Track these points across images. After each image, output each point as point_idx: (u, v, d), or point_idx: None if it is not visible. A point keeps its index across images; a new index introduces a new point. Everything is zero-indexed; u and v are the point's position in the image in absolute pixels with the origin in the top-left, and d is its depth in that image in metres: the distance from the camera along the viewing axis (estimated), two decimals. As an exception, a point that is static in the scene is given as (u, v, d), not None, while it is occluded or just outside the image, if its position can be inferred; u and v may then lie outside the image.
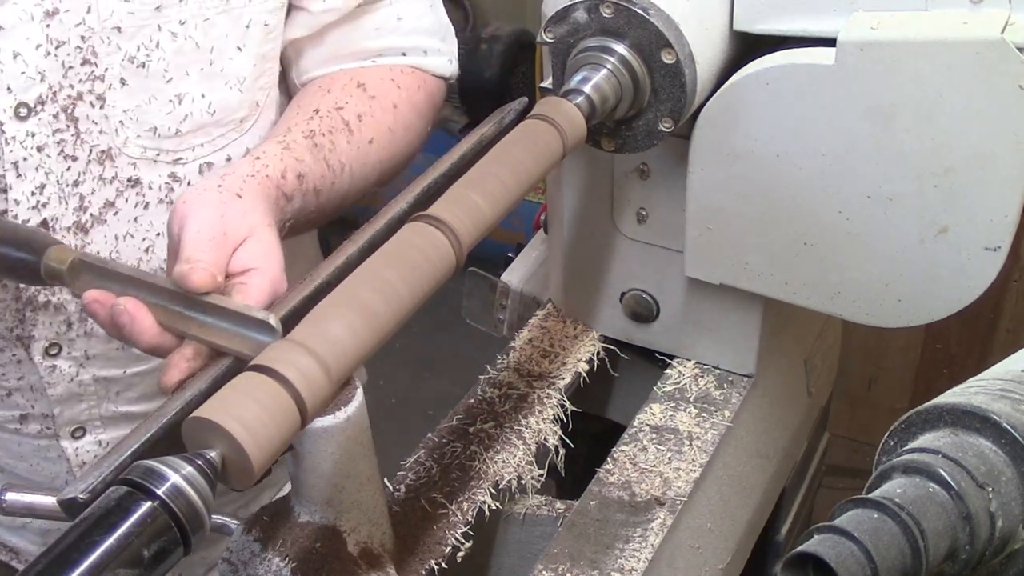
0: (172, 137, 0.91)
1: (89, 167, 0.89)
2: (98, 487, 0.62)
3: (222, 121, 0.93)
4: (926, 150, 0.81)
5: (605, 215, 1.02)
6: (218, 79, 0.92)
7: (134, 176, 0.91)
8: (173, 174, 0.93)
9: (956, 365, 2.27)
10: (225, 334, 0.71)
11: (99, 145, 0.88)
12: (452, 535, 0.86)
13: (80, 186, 0.89)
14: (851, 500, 0.61)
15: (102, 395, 0.99)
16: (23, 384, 0.97)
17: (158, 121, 0.90)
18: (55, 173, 0.87)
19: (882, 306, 0.89)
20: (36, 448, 1.02)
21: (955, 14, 0.79)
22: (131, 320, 0.72)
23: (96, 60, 0.86)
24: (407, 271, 0.68)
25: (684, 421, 0.99)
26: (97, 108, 0.87)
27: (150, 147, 0.90)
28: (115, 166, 0.90)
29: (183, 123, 0.91)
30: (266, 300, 0.74)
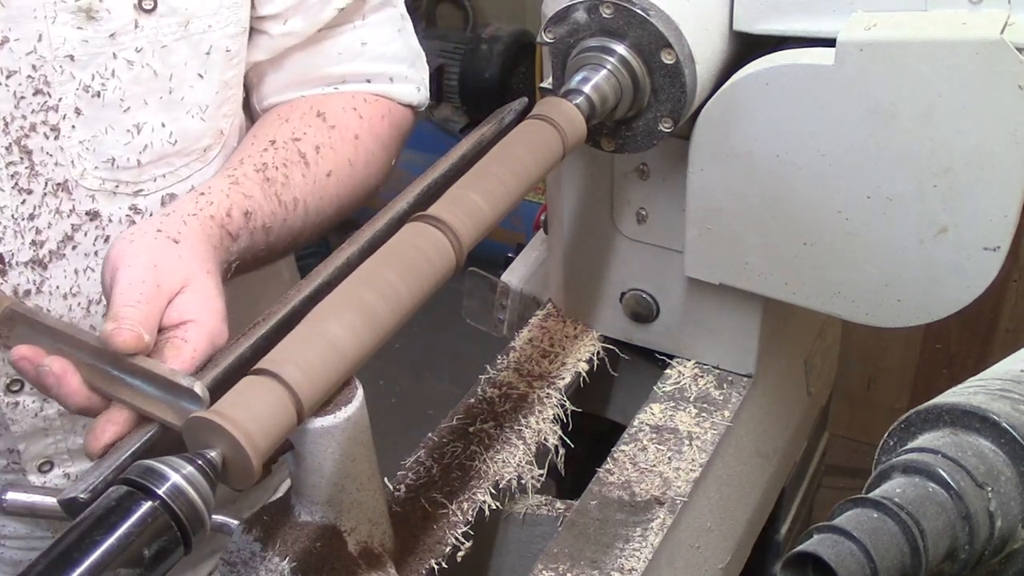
0: (132, 168, 0.88)
1: (45, 200, 0.85)
2: (99, 487, 0.62)
3: (185, 151, 0.90)
4: (925, 150, 0.81)
5: (605, 215, 1.02)
6: (179, 107, 0.88)
7: (92, 209, 0.88)
8: (134, 206, 0.89)
9: (956, 365, 2.27)
10: (151, 400, 0.67)
11: (54, 178, 0.85)
12: (452, 535, 0.86)
13: (36, 219, 0.86)
14: (851, 500, 0.61)
15: (68, 429, 0.96)
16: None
17: (116, 152, 0.87)
18: (10, 207, 0.84)
19: (882, 306, 0.89)
20: (2, 483, 0.97)
21: (954, 14, 0.79)
22: (57, 382, 0.69)
23: (49, 90, 0.83)
24: (407, 271, 0.68)
25: (684, 421, 0.99)
26: (52, 139, 0.84)
27: (108, 179, 0.87)
28: (72, 199, 0.87)
29: (143, 153, 0.88)
30: (203, 355, 0.71)
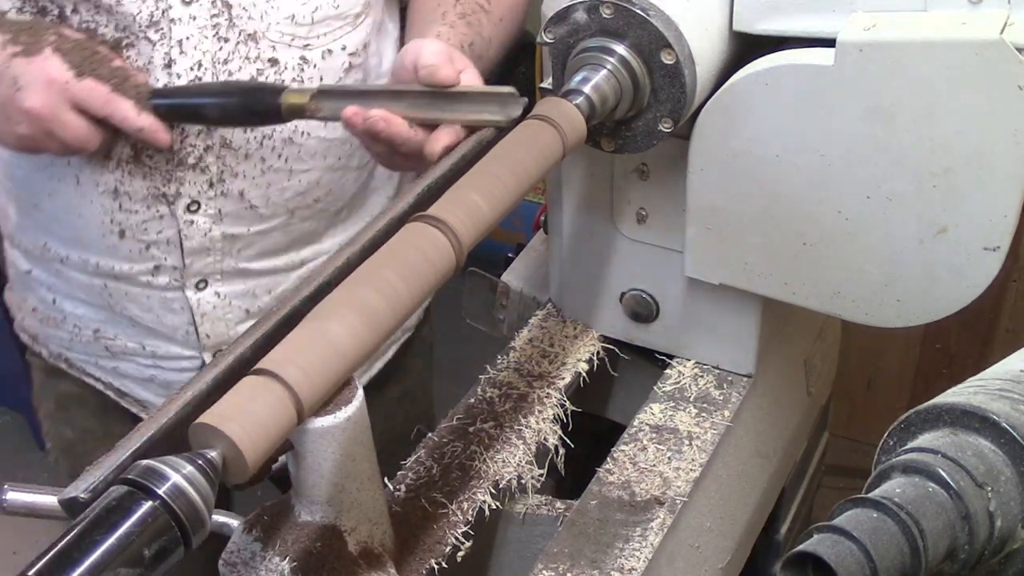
0: (305, 25, 1.05)
1: (237, 47, 1.03)
2: (99, 486, 0.62)
3: (342, 15, 1.08)
4: (925, 150, 0.81)
5: (605, 215, 1.02)
6: None
7: (273, 56, 1.05)
8: (303, 57, 1.06)
9: (955, 365, 2.27)
10: (476, 111, 0.88)
11: (247, 29, 1.03)
12: (452, 534, 0.87)
13: (229, 64, 1.02)
14: (850, 500, 0.61)
15: (226, 251, 1.11)
16: (161, 238, 1.09)
17: (295, 10, 1.04)
18: (210, 52, 1.01)
19: (881, 306, 0.89)
20: (163, 300, 1.13)
21: (954, 14, 0.79)
22: (387, 124, 0.89)
23: None
24: (407, 271, 0.68)
25: (684, 421, 0.99)
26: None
27: (287, 32, 1.05)
28: (258, 47, 1.04)
29: (315, 13, 1.06)
30: None
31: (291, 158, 1.09)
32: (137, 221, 1.08)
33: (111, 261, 1.11)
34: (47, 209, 1.11)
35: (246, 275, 1.14)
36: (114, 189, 1.06)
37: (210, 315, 1.14)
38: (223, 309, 1.14)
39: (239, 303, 1.15)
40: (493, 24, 1.09)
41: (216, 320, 1.14)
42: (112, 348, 1.19)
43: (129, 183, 1.05)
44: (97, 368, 1.22)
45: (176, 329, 1.15)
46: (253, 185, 1.08)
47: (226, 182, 1.07)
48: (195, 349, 1.17)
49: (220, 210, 1.08)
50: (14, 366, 2.39)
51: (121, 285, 1.13)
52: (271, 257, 1.15)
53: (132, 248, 1.10)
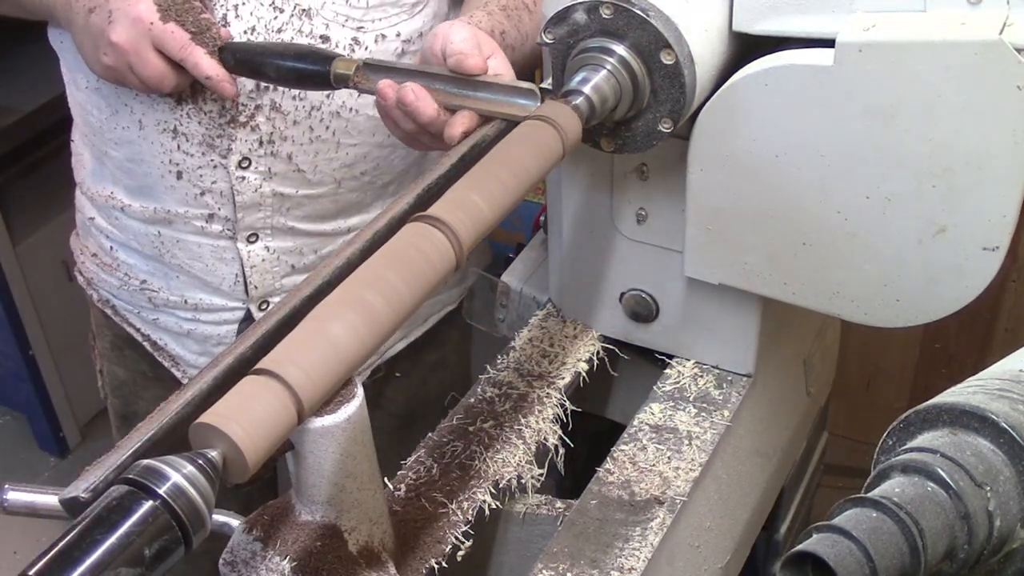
0: (360, 8, 1.10)
1: (291, 20, 1.08)
2: (100, 486, 0.62)
3: (399, 3, 1.12)
4: (924, 150, 0.81)
5: (605, 215, 1.02)
6: None
7: (324, 34, 1.10)
8: (355, 38, 1.11)
9: (955, 365, 2.27)
10: (496, 103, 0.90)
11: (301, 3, 1.08)
12: (452, 534, 0.87)
13: (282, 34, 1.08)
14: (850, 499, 0.61)
15: (276, 208, 1.17)
16: (215, 187, 1.15)
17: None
18: (264, 19, 1.07)
19: (881, 306, 0.89)
20: (214, 249, 1.20)
21: (953, 15, 0.79)
22: (416, 97, 0.91)
23: None
24: (407, 271, 0.68)
25: (683, 420, 0.99)
26: None
27: (341, 12, 1.10)
28: (311, 23, 1.09)
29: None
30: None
31: (339, 131, 1.14)
32: (193, 165, 1.14)
33: (169, 203, 1.17)
34: (115, 157, 1.18)
35: (295, 233, 1.20)
36: (174, 129, 1.12)
37: (259, 267, 1.19)
38: (271, 263, 1.20)
39: (287, 259, 1.20)
40: (534, 24, 1.12)
41: (264, 272, 1.20)
42: (155, 300, 1.26)
43: (187, 125, 1.12)
44: (138, 319, 1.30)
45: (224, 279, 1.21)
46: (301, 151, 1.14)
47: (275, 143, 1.12)
48: (240, 300, 1.22)
49: (270, 168, 1.14)
50: (14, 366, 2.41)
51: (175, 232, 1.20)
52: (319, 221, 1.20)
53: (188, 192, 1.16)
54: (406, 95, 0.91)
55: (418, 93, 0.91)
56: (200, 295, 1.23)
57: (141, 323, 1.30)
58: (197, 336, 1.27)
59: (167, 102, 1.11)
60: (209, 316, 1.25)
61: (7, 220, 2.24)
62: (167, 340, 1.29)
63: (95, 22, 1.01)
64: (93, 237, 1.30)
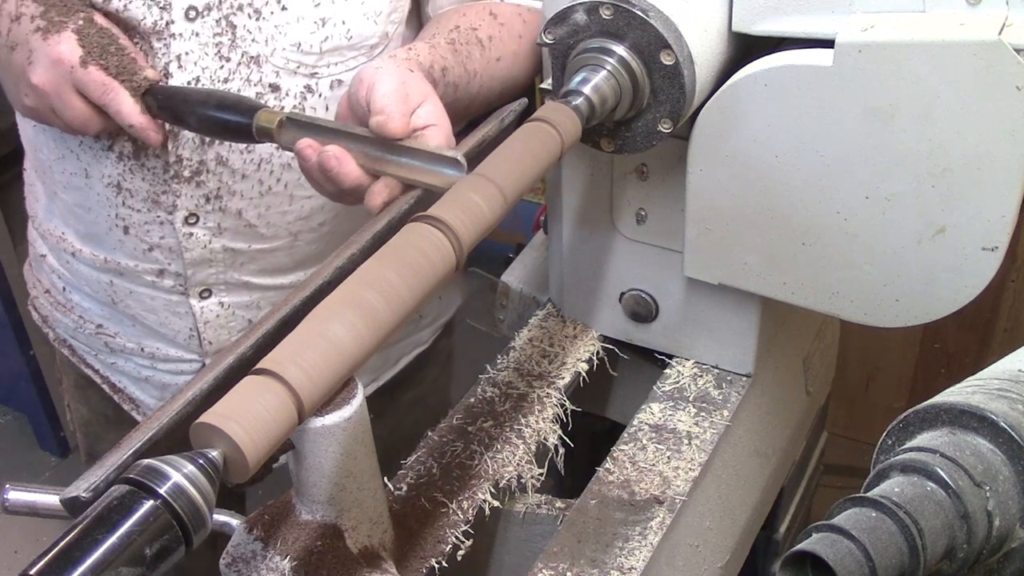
0: (313, 54, 1.03)
1: (239, 69, 1.01)
2: (100, 486, 0.62)
3: (356, 46, 1.05)
4: (924, 151, 0.81)
5: (605, 215, 1.02)
6: (358, 10, 1.04)
7: (275, 83, 1.03)
8: (308, 86, 1.04)
9: (954, 365, 2.27)
10: (419, 171, 0.84)
11: (249, 51, 1.01)
12: (452, 534, 0.87)
13: (229, 84, 1.01)
14: (849, 499, 0.61)
15: (229, 263, 1.11)
16: (163, 243, 1.10)
17: (303, 38, 1.02)
18: (210, 69, 1.01)
19: (880, 306, 0.90)
20: (167, 303, 1.14)
21: (952, 15, 0.79)
22: (338, 163, 0.85)
23: None
24: (408, 271, 0.68)
25: (683, 420, 1.00)
26: (253, 20, 1.00)
27: (292, 59, 1.02)
28: (260, 71, 1.02)
29: (324, 43, 1.03)
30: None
31: (291, 184, 1.07)
32: (139, 220, 1.09)
33: (118, 256, 1.12)
34: (65, 200, 1.13)
35: (251, 288, 1.14)
36: (117, 184, 1.07)
37: (213, 323, 1.14)
38: (226, 318, 1.14)
39: (243, 313, 1.15)
40: (486, 60, 1.05)
41: (219, 328, 1.14)
42: (112, 345, 1.20)
43: (130, 180, 1.06)
44: (96, 360, 1.24)
45: (178, 332, 1.16)
46: (252, 205, 1.07)
47: (223, 199, 1.06)
48: (196, 353, 1.17)
49: (219, 224, 1.08)
50: (14, 366, 2.41)
51: (127, 283, 1.14)
52: (277, 275, 1.14)
53: (136, 247, 1.10)
54: (327, 160, 0.85)
55: (340, 158, 0.85)
56: (157, 344, 1.18)
57: (99, 365, 1.25)
58: (155, 383, 1.22)
59: (109, 157, 1.05)
60: (166, 366, 1.20)
61: (7, 220, 2.24)
62: (126, 383, 1.24)
63: (16, 61, 0.96)
64: (45, 274, 1.24)
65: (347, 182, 0.86)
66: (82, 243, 1.15)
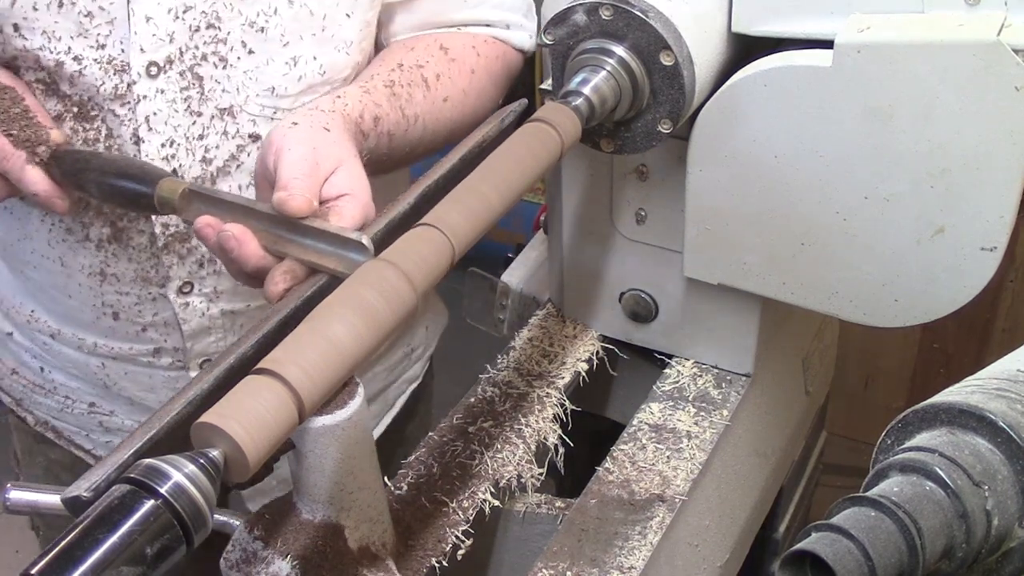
0: (288, 96, 0.97)
1: (213, 122, 0.95)
2: (101, 485, 0.62)
3: (330, 80, 0.99)
4: (923, 151, 0.81)
5: (604, 216, 1.02)
6: (329, 43, 0.98)
7: (254, 132, 0.97)
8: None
9: (953, 364, 2.27)
10: (322, 254, 0.76)
11: (221, 103, 0.95)
12: (453, 533, 0.87)
13: (205, 139, 0.95)
14: (848, 498, 0.61)
15: (228, 328, 1.05)
16: (157, 320, 1.04)
17: (276, 81, 0.96)
18: (183, 127, 0.94)
19: (879, 306, 0.90)
20: (166, 380, 1.08)
21: (951, 16, 0.79)
22: (239, 244, 0.78)
23: (219, 24, 0.93)
24: (406, 272, 0.69)
25: (683, 420, 1.00)
26: (220, 68, 0.94)
27: (268, 105, 0.97)
28: (236, 122, 0.96)
29: (298, 83, 0.97)
30: (358, 223, 0.79)
31: None
32: (129, 303, 1.03)
33: (109, 342, 1.06)
34: (35, 280, 1.05)
35: None
36: (100, 271, 1.01)
37: None
38: None
39: None
40: (430, 102, 0.99)
41: None
42: (108, 424, 1.14)
43: (115, 264, 1.00)
44: (88, 440, 1.16)
45: None
46: None
47: (217, 260, 0.99)
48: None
49: (216, 288, 1.02)
50: (14, 365, 2.40)
51: (121, 365, 1.08)
52: None
53: (129, 330, 1.05)
54: (227, 241, 0.78)
55: (240, 238, 0.78)
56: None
57: (92, 444, 1.16)
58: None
59: (86, 247, 1.00)
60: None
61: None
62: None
63: None
64: (13, 354, 1.13)
65: (248, 265, 0.78)
66: (61, 324, 1.07)
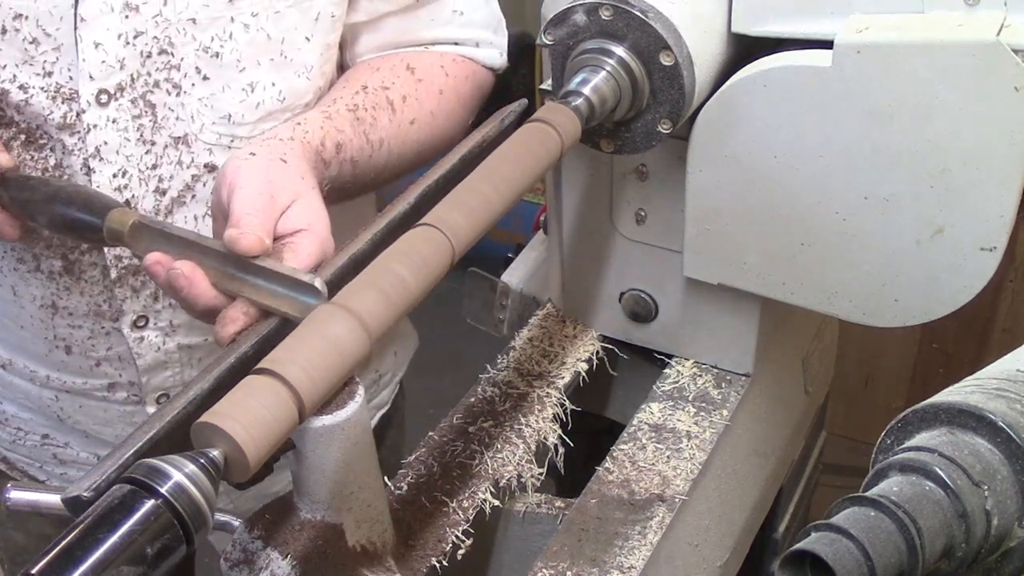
0: (246, 124, 0.94)
1: (167, 152, 0.92)
2: (102, 485, 0.62)
3: (290, 107, 0.96)
4: (922, 151, 0.81)
5: (604, 216, 1.02)
6: (288, 68, 0.94)
7: (210, 161, 0.94)
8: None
9: (952, 364, 2.28)
10: (274, 296, 0.73)
11: (175, 131, 0.92)
12: (453, 533, 0.87)
13: (159, 169, 0.92)
14: (848, 498, 0.61)
15: (185, 362, 1.02)
16: (111, 354, 1.00)
17: (232, 109, 0.93)
18: (135, 157, 0.91)
19: (879, 306, 0.90)
20: (122, 414, 1.05)
21: (951, 16, 0.79)
22: (188, 283, 0.75)
23: (172, 50, 0.89)
24: (406, 272, 0.69)
25: (683, 420, 1.00)
26: (174, 96, 0.91)
27: (225, 134, 0.93)
28: (191, 151, 0.93)
29: (256, 110, 0.94)
30: (315, 259, 0.76)
31: None
32: (82, 337, 1.00)
33: (62, 376, 1.03)
34: None
35: None
36: (52, 304, 0.98)
37: None
38: None
39: None
40: (396, 125, 0.96)
41: None
42: (62, 456, 1.10)
43: (67, 298, 0.97)
44: (42, 472, 1.13)
45: None
46: None
47: None
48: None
49: (171, 322, 0.99)
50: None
51: (74, 398, 1.05)
52: None
53: (82, 364, 1.01)
54: (176, 279, 0.75)
55: (191, 277, 0.75)
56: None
57: (46, 476, 1.12)
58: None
59: (37, 277, 0.96)
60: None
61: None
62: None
63: None
64: None
65: (199, 305, 0.75)
66: (13, 355, 1.04)
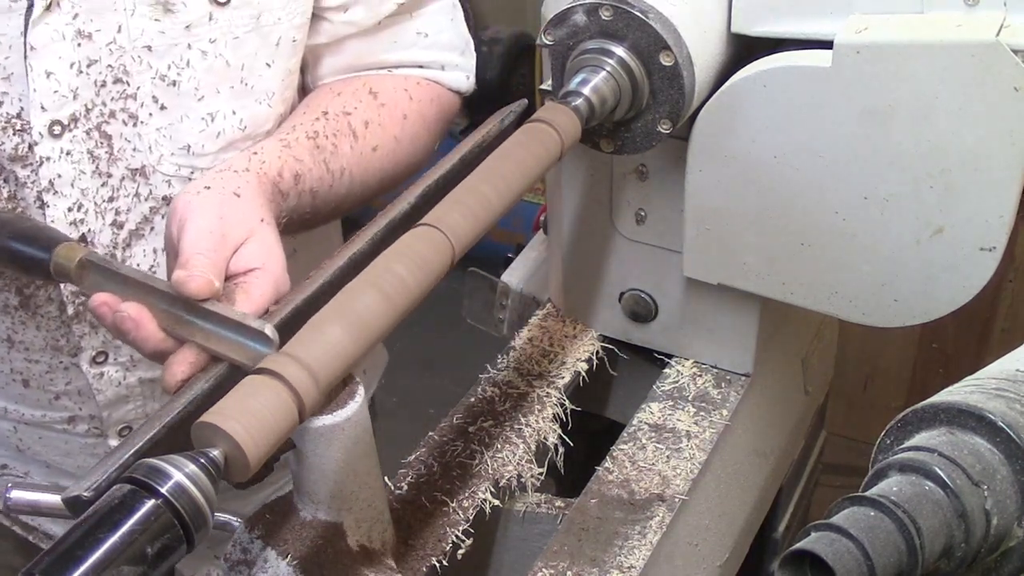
0: (206, 155, 0.91)
1: (124, 184, 0.89)
2: (102, 485, 0.62)
3: (252, 135, 0.93)
4: (922, 151, 0.81)
5: (604, 216, 1.02)
6: (249, 96, 0.92)
7: (168, 194, 0.91)
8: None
9: (952, 364, 2.28)
10: (224, 341, 0.71)
11: (132, 163, 0.89)
12: (453, 533, 0.87)
13: (115, 202, 0.89)
14: (848, 498, 0.61)
15: (147, 395, 0.99)
16: (71, 388, 0.98)
17: (191, 139, 0.90)
18: (91, 190, 0.88)
19: (878, 306, 0.90)
20: (84, 446, 1.02)
21: (951, 16, 0.79)
22: (135, 326, 0.72)
23: (128, 79, 0.86)
24: (406, 272, 0.69)
25: (682, 420, 1.00)
26: (130, 126, 0.88)
27: (184, 165, 0.90)
28: (149, 183, 0.90)
29: (216, 140, 0.91)
30: (269, 300, 0.74)
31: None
32: (40, 371, 0.97)
33: (20, 408, 1.00)
34: None
35: None
36: (7, 338, 0.95)
37: None
38: None
39: None
40: (358, 153, 0.93)
41: None
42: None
43: (23, 332, 0.95)
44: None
45: None
46: None
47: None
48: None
49: (132, 356, 0.96)
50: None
51: (34, 430, 1.02)
52: None
53: (40, 398, 0.99)
54: (123, 323, 0.72)
55: (137, 319, 0.72)
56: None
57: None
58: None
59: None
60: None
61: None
62: (40, 520, 1.08)
63: None
64: None
65: (146, 348, 0.73)
66: None
